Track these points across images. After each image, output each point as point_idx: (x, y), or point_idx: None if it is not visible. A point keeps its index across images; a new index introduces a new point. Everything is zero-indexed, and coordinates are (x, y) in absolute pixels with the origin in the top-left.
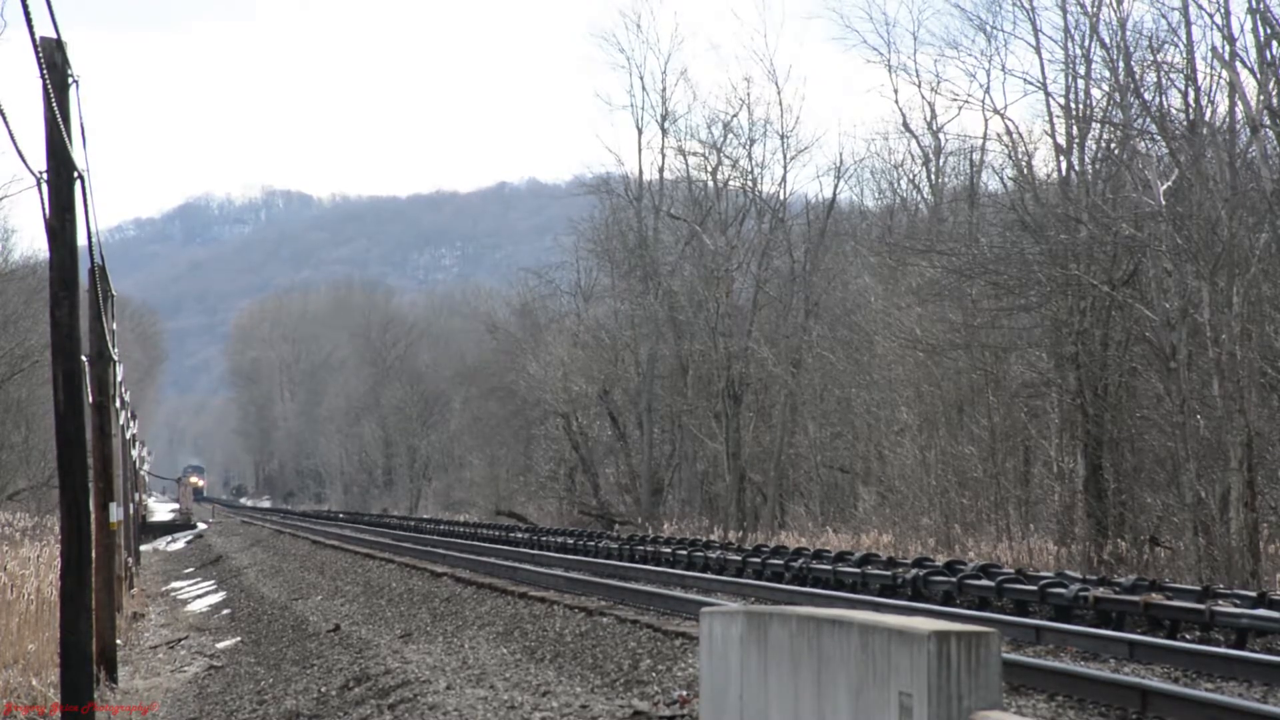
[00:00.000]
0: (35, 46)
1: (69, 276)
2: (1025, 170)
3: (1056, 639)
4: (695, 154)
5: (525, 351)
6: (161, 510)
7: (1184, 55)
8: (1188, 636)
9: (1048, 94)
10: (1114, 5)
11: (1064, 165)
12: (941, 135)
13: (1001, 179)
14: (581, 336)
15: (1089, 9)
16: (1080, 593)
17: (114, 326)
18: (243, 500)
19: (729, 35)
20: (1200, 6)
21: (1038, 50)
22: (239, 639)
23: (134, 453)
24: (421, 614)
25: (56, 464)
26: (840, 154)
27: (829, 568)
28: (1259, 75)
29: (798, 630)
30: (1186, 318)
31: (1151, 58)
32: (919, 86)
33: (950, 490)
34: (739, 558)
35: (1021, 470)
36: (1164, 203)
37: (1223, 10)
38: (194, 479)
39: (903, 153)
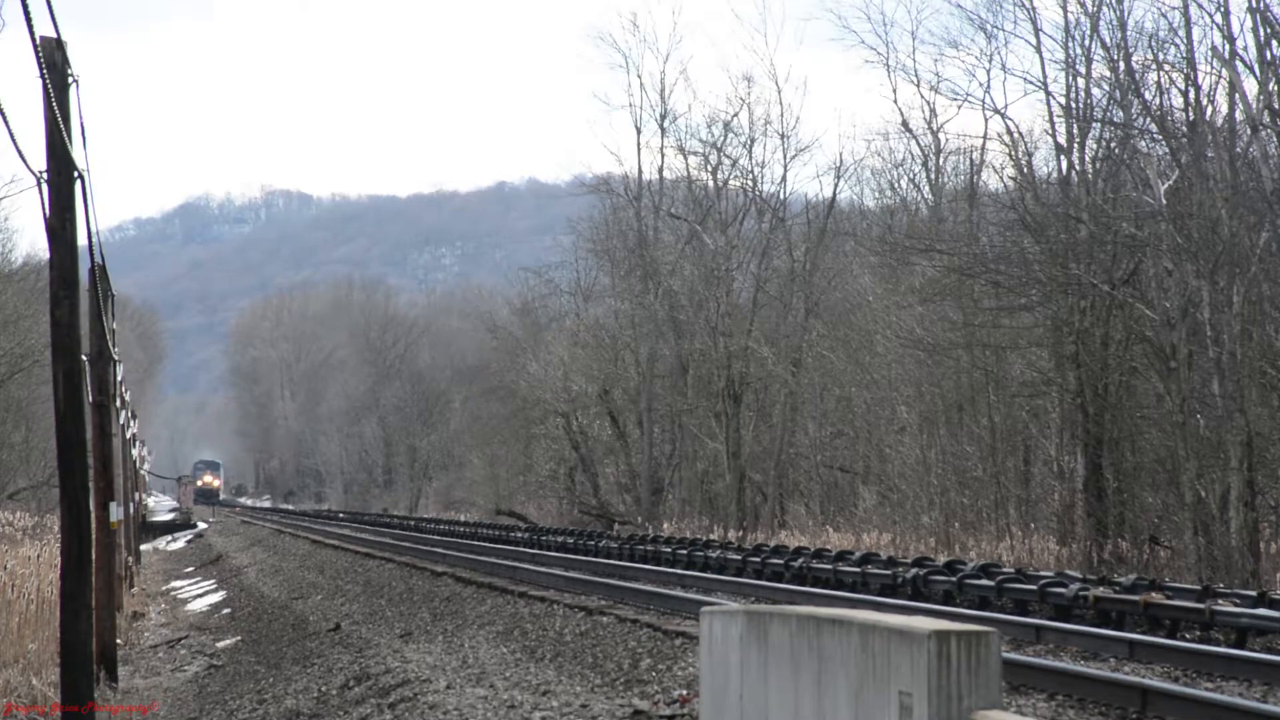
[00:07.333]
0: (35, 46)
1: (69, 276)
2: (1025, 170)
3: (1056, 638)
4: (695, 153)
5: (525, 351)
6: (162, 510)
7: (1184, 55)
8: (1188, 636)
9: (1048, 93)
10: (1114, 4)
11: (1064, 164)
12: (941, 135)
13: (1002, 178)
14: (581, 336)
15: (1089, 8)
16: (1080, 592)
17: (114, 326)
18: (243, 500)
19: (728, 34)
20: (1200, 6)
21: (1038, 49)
22: (239, 638)
23: (134, 452)
24: (421, 613)
25: (56, 463)
26: (840, 153)
27: (829, 567)
28: (1259, 75)
29: (798, 630)
30: (1187, 317)
31: (1152, 57)
32: (918, 86)
33: (950, 489)
34: (739, 557)
35: (1022, 470)
36: (1164, 202)
37: (1223, 10)
38: (207, 477)
39: (903, 152)
